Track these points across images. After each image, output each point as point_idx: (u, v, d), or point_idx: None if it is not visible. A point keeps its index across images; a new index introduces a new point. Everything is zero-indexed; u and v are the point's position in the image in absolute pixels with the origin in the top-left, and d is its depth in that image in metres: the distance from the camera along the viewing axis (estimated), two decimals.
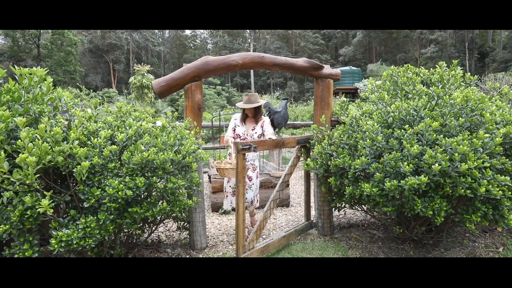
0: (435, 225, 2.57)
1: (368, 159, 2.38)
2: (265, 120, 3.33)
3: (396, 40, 38.93)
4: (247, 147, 2.59)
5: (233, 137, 3.32)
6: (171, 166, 2.23)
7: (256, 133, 3.27)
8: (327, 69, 3.31)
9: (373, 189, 2.24)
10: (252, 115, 3.31)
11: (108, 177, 2.10)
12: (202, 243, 3.17)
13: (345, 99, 3.07)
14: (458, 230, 3.41)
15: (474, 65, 33.23)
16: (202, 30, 49.26)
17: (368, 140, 2.32)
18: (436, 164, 2.01)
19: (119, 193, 2.01)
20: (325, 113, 3.29)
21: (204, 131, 12.52)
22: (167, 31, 48.08)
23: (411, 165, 2.08)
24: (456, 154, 2.01)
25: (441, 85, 2.57)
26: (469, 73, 2.70)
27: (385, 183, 2.16)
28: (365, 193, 2.28)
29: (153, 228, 2.88)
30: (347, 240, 3.29)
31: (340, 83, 18.52)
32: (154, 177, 2.16)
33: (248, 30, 43.76)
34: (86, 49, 36.17)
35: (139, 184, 2.08)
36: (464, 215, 2.20)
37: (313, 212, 3.69)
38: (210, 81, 31.94)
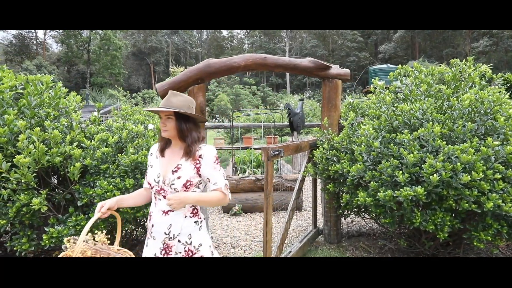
0: (450, 240, 2.32)
1: (366, 165, 2.22)
2: (206, 154, 1.53)
3: (443, 34, 36.10)
4: (277, 152, 2.27)
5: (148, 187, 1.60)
6: None
7: (180, 178, 1.49)
8: (334, 69, 3.14)
9: (367, 198, 2.08)
10: (176, 134, 1.54)
11: (101, 177, 2.20)
12: None
13: (351, 100, 2.90)
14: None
15: None
16: (238, 31, 50.02)
17: (362, 146, 2.16)
18: (435, 175, 1.81)
19: (108, 193, 2.08)
20: (332, 115, 3.13)
21: (233, 131, 12.68)
22: (204, 33, 49.49)
23: (406, 174, 1.90)
24: (459, 164, 1.79)
25: (454, 85, 2.31)
26: (490, 72, 2.39)
27: (379, 193, 1.99)
28: (358, 202, 2.13)
29: None
30: (353, 249, 3.10)
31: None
32: (143, 179, 2.21)
33: (284, 30, 43.50)
34: (130, 53, 38.55)
35: (128, 185, 2.15)
36: (472, 232, 1.96)
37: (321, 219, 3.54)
38: (245, 81, 32.29)
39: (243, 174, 5.18)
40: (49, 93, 2.56)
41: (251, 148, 6.24)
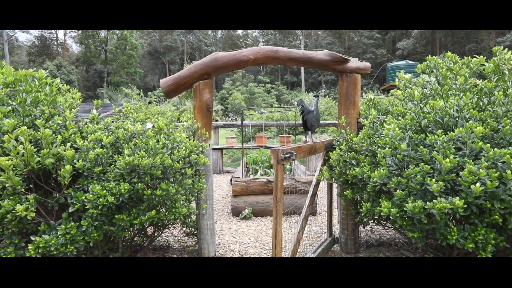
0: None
1: (390, 170, 1.93)
2: None
3: (466, 29, 34.50)
4: (288, 155, 2.18)
5: None
6: (159, 171, 2.06)
7: None
8: (353, 62, 2.85)
9: (393, 209, 1.80)
10: None
11: (95, 181, 2.01)
12: (210, 251, 2.97)
13: (372, 96, 2.60)
14: None
15: None
16: (253, 29, 49.77)
17: (387, 148, 1.87)
18: (477, 184, 1.51)
19: (100, 199, 1.89)
20: (350, 113, 2.84)
21: (246, 129, 12.48)
22: (219, 31, 49.52)
23: (441, 183, 1.60)
24: (509, 172, 1.48)
25: (496, 78, 1.98)
26: None
27: (406, 204, 1.70)
28: (382, 213, 1.85)
29: (156, 234, 2.77)
30: None
31: (395, 79, 16.94)
32: (140, 184, 2.01)
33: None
34: (146, 52, 39.06)
35: (123, 190, 1.94)
36: None
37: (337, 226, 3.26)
38: (260, 80, 32.04)
39: (255, 175, 4.95)
40: (46, 90, 2.40)
41: (263, 148, 6.00)
